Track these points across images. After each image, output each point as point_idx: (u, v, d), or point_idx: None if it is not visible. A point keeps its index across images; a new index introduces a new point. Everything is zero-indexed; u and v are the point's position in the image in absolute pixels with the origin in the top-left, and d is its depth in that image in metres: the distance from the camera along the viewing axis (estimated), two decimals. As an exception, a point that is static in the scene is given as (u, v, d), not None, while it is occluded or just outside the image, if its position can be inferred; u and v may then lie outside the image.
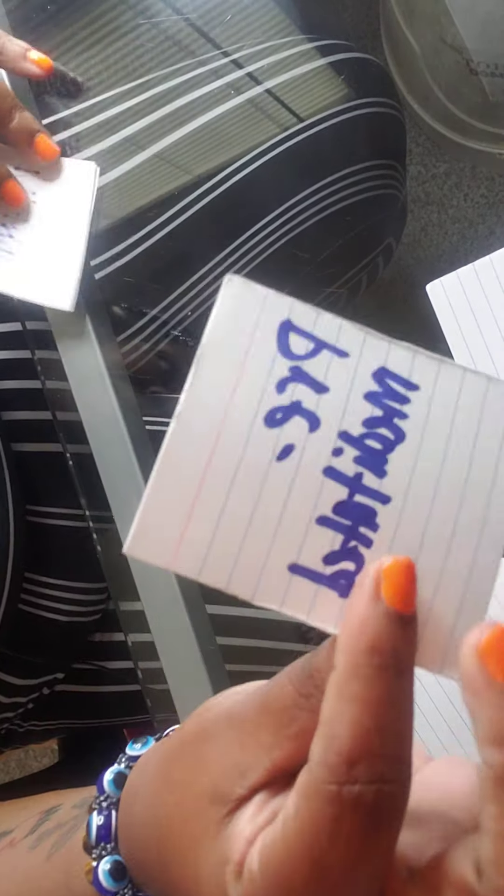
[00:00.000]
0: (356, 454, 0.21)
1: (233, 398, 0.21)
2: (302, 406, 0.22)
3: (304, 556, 0.21)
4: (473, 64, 0.78)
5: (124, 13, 0.59)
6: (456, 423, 0.22)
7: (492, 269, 0.37)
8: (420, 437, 0.22)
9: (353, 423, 0.22)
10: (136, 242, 0.57)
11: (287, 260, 0.62)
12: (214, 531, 0.21)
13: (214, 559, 0.21)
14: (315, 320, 0.22)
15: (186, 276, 0.59)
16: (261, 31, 0.60)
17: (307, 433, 0.21)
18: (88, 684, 0.62)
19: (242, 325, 0.22)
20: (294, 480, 0.21)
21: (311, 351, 0.22)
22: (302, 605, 0.21)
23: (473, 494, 0.21)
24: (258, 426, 0.21)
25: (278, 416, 0.21)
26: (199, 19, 0.59)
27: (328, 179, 0.60)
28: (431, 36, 0.79)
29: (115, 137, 0.57)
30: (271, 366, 0.22)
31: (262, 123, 0.59)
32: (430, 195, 0.98)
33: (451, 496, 0.21)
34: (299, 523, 0.21)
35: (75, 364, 0.49)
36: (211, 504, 0.21)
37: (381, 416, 0.22)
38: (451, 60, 0.79)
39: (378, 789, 0.19)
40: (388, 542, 0.21)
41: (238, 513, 0.21)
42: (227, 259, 0.59)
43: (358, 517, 0.21)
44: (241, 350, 0.22)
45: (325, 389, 0.22)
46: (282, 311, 0.22)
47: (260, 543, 0.21)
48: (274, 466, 0.21)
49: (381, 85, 0.64)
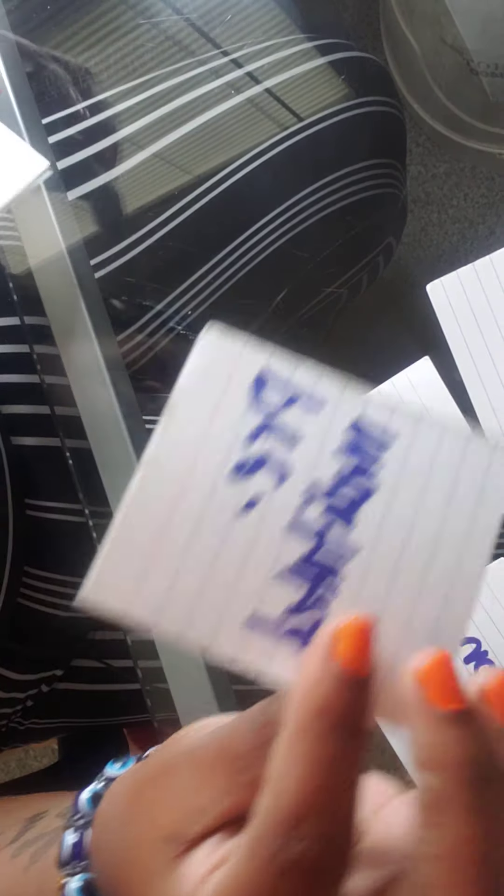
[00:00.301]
0: (326, 504, 0.22)
1: (202, 448, 0.21)
2: (273, 457, 0.22)
3: (264, 608, 0.21)
4: (474, 64, 0.78)
5: (124, 13, 0.59)
6: (431, 480, 0.22)
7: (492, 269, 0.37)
8: (393, 491, 0.22)
9: (324, 475, 0.22)
10: (135, 242, 0.57)
11: (287, 259, 0.62)
12: (174, 580, 0.21)
13: (172, 609, 0.21)
14: (293, 371, 0.22)
15: (186, 276, 0.59)
16: (261, 31, 0.60)
17: (276, 485, 0.22)
18: (88, 682, 0.62)
19: (217, 376, 0.22)
20: (259, 532, 0.21)
21: (286, 401, 0.22)
22: (259, 658, 0.21)
23: (445, 549, 0.21)
24: (225, 477, 0.21)
25: (247, 467, 0.22)
26: (199, 19, 0.59)
27: (328, 179, 0.60)
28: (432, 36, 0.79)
29: (115, 137, 0.57)
30: (243, 417, 0.22)
31: (261, 123, 0.59)
32: (430, 195, 0.98)
33: (422, 550, 0.21)
34: (261, 575, 0.21)
35: (74, 359, 0.49)
36: (172, 552, 0.21)
37: (354, 468, 0.22)
38: (451, 60, 0.79)
39: (322, 848, 0.19)
40: (355, 593, 0.21)
41: (199, 563, 0.21)
42: (227, 258, 0.59)
43: (324, 568, 0.21)
44: (213, 400, 0.22)
45: (299, 440, 0.22)
46: (258, 362, 0.22)
47: (220, 594, 0.21)
48: (239, 518, 0.21)
49: (381, 84, 0.64)
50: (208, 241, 0.59)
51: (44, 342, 0.50)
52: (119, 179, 0.57)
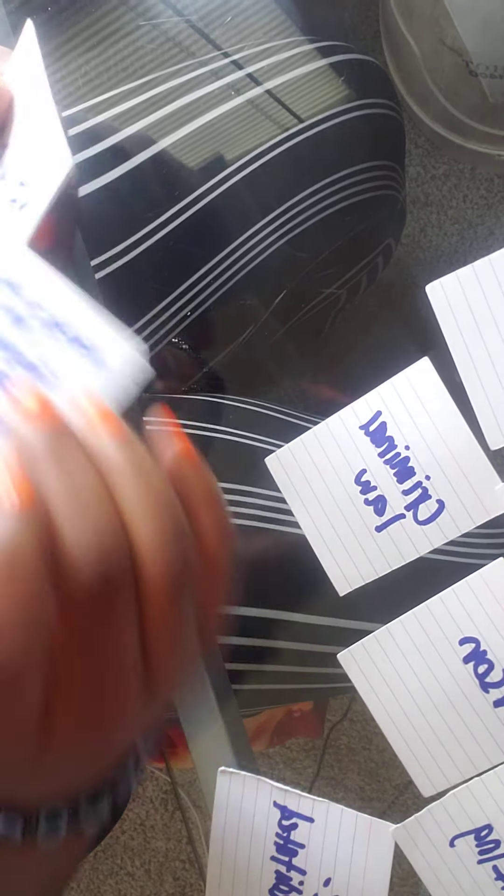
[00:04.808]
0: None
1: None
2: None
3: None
4: (473, 65, 0.78)
5: (125, 14, 0.59)
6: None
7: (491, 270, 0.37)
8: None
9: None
10: (136, 242, 0.57)
11: (286, 260, 0.62)
12: None
13: None
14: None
15: (186, 276, 0.59)
16: (261, 33, 0.60)
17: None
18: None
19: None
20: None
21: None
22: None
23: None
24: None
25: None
26: (199, 20, 0.59)
27: (328, 180, 0.60)
28: (431, 37, 0.79)
29: (116, 138, 0.57)
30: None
31: (262, 124, 0.59)
32: (429, 196, 0.98)
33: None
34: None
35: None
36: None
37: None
38: (450, 62, 0.79)
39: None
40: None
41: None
42: (227, 259, 0.59)
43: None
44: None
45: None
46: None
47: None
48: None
49: (380, 86, 0.64)
50: (208, 242, 0.59)
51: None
52: (119, 181, 0.57)
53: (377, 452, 0.40)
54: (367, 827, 0.40)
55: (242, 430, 0.59)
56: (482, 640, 0.38)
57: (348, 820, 0.40)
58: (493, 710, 0.38)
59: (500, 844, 0.38)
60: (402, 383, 0.39)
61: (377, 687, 0.40)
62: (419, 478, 0.39)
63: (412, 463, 0.39)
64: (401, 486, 0.39)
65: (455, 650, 0.39)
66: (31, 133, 0.40)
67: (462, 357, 0.38)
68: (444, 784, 0.40)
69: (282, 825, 0.41)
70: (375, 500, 0.40)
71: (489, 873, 0.39)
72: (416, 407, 0.39)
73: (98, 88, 0.58)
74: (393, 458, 0.40)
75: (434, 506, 0.39)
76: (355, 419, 0.40)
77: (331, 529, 0.41)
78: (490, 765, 0.39)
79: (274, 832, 0.41)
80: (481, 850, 0.39)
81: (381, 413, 0.40)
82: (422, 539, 0.39)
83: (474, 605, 0.38)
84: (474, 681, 0.39)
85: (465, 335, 0.38)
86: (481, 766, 0.39)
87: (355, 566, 0.41)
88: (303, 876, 0.41)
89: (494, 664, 0.38)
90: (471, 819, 0.39)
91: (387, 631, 0.40)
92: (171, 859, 1.17)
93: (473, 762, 0.39)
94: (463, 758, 0.39)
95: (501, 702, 0.38)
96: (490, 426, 0.38)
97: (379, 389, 0.40)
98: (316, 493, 0.41)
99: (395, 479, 0.40)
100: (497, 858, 0.39)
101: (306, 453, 0.41)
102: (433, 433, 0.39)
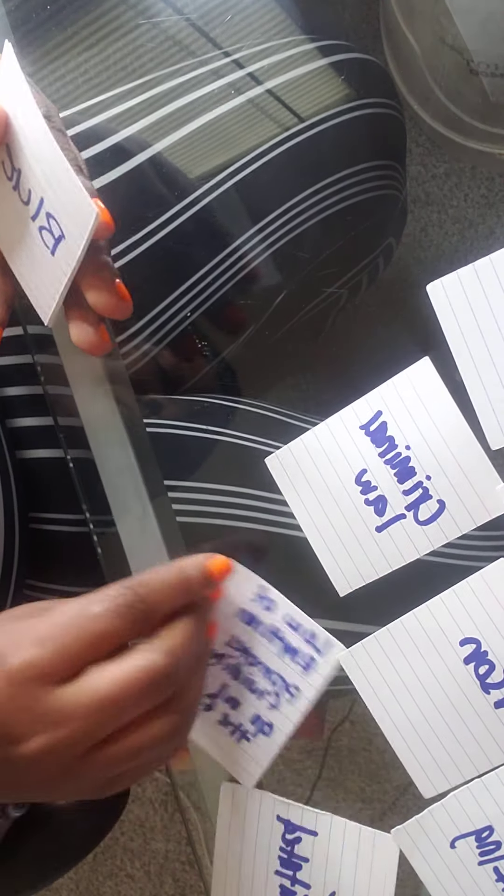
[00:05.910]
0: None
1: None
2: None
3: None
4: (474, 64, 0.78)
5: (125, 13, 0.59)
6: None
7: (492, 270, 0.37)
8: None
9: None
10: (136, 243, 0.57)
11: (287, 260, 0.62)
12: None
13: None
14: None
15: (186, 277, 0.59)
16: (261, 32, 0.60)
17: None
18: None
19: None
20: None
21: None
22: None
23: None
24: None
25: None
26: (199, 19, 0.59)
27: (329, 180, 0.60)
28: (432, 36, 0.79)
29: (116, 138, 0.57)
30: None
31: (262, 123, 0.59)
32: (430, 195, 0.98)
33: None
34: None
35: (76, 368, 0.49)
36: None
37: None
38: (451, 61, 0.79)
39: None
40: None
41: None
42: (228, 259, 0.59)
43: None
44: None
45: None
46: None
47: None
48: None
49: (381, 85, 0.64)
50: (209, 242, 0.59)
51: (46, 351, 0.50)
52: (119, 181, 0.57)
53: (378, 452, 0.40)
54: (371, 839, 0.40)
55: (243, 432, 0.59)
56: (483, 641, 0.38)
57: (352, 833, 0.40)
58: (493, 710, 0.38)
59: (500, 846, 0.38)
60: (403, 383, 0.39)
61: (378, 688, 0.40)
62: (420, 478, 0.39)
63: (413, 463, 0.39)
64: (401, 487, 0.39)
65: (456, 651, 0.39)
66: (45, 166, 0.41)
67: (463, 357, 0.38)
68: (444, 785, 0.40)
69: (285, 839, 0.41)
70: (376, 500, 0.40)
71: (490, 875, 0.39)
72: (416, 407, 0.39)
73: (97, 88, 0.58)
74: (393, 458, 0.39)
75: (435, 506, 0.39)
76: (356, 419, 0.40)
77: (331, 530, 0.41)
78: (491, 766, 0.39)
79: (278, 846, 0.41)
80: (482, 852, 0.39)
81: (382, 413, 0.39)
82: (422, 539, 0.39)
83: (475, 606, 0.38)
84: (475, 682, 0.38)
85: (466, 335, 0.37)
86: (482, 768, 0.39)
87: (356, 567, 0.41)
88: (307, 890, 0.41)
89: (495, 665, 0.38)
90: (472, 820, 0.39)
91: (387, 632, 0.40)
92: (171, 861, 1.17)
93: (474, 763, 0.39)
94: (464, 759, 0.39)
95: (502, 703, 0.38)
96: (491, 426, 0.37)
97: (379, 389, 0.40)
98: (316, 493, 0.41)
99: (395, 480, 0.39)
100: (498, 860, 0.38)
101: (306, 453, 0.41)
102: (434, 433, 0.38)
